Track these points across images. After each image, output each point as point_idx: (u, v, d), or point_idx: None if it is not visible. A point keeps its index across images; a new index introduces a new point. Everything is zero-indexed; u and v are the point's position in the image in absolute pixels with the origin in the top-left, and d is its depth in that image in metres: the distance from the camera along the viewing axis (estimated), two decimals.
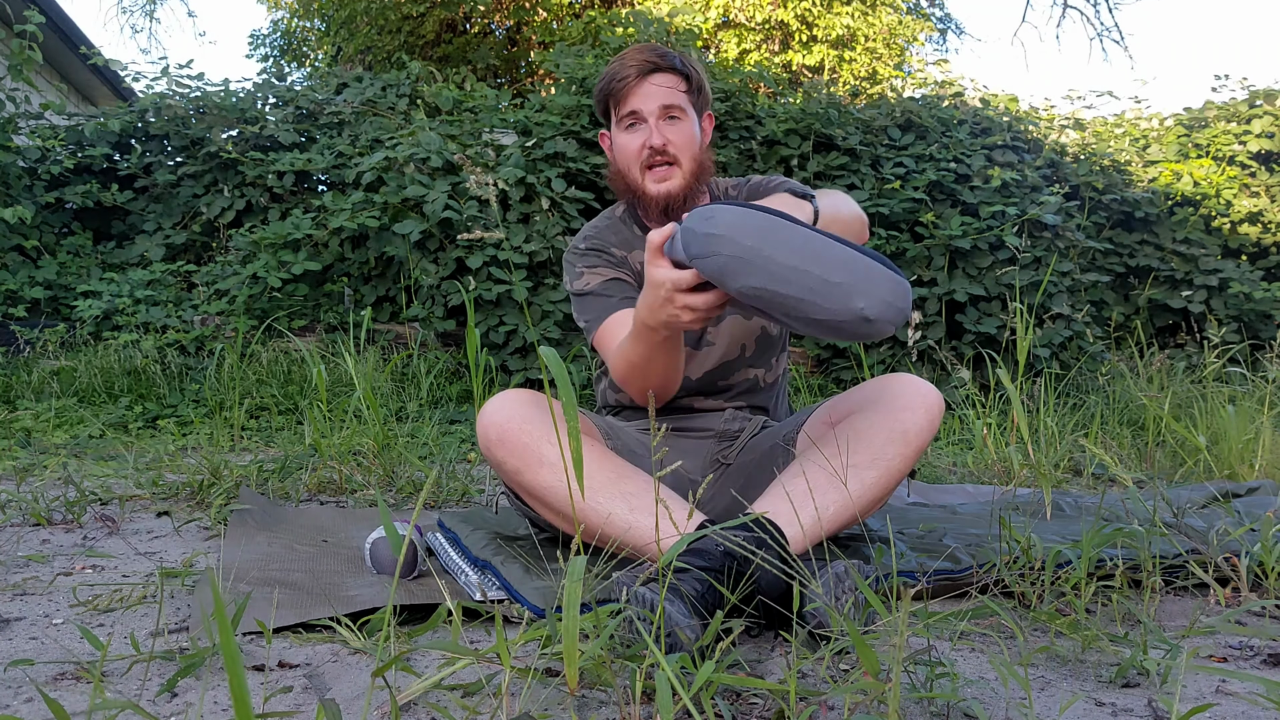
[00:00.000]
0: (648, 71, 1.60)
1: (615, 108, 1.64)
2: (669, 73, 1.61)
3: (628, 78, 1.60)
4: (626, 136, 1.63)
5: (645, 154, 1.60)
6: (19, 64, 4.87)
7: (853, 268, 1.18)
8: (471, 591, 1.36)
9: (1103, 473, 2.81)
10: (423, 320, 4.32)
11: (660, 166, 1.61)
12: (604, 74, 1.65)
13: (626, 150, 1.63)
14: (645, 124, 1.61)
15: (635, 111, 1.61)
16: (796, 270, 1.16)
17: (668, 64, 1.61)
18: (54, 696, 0.99)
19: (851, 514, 1.41)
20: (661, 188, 1.61)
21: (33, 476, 2.40)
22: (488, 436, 1.45)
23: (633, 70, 1.60)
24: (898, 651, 0.82)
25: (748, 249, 1.17)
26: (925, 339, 4.44)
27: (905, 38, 10.86)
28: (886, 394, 1.47)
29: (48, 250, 4.92)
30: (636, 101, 1.60)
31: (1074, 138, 6.13)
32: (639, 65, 1.60)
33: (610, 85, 1.63)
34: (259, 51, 12.63)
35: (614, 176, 1.69)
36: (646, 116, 1.60)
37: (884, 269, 1.20)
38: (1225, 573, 1.47)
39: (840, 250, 1.19)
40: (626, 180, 1.65)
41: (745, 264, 1.17)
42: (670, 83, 1.61)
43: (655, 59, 1.61)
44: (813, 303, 1.17)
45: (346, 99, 5.62)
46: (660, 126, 1.60)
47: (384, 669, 0.82)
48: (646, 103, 1.60)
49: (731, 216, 1.20)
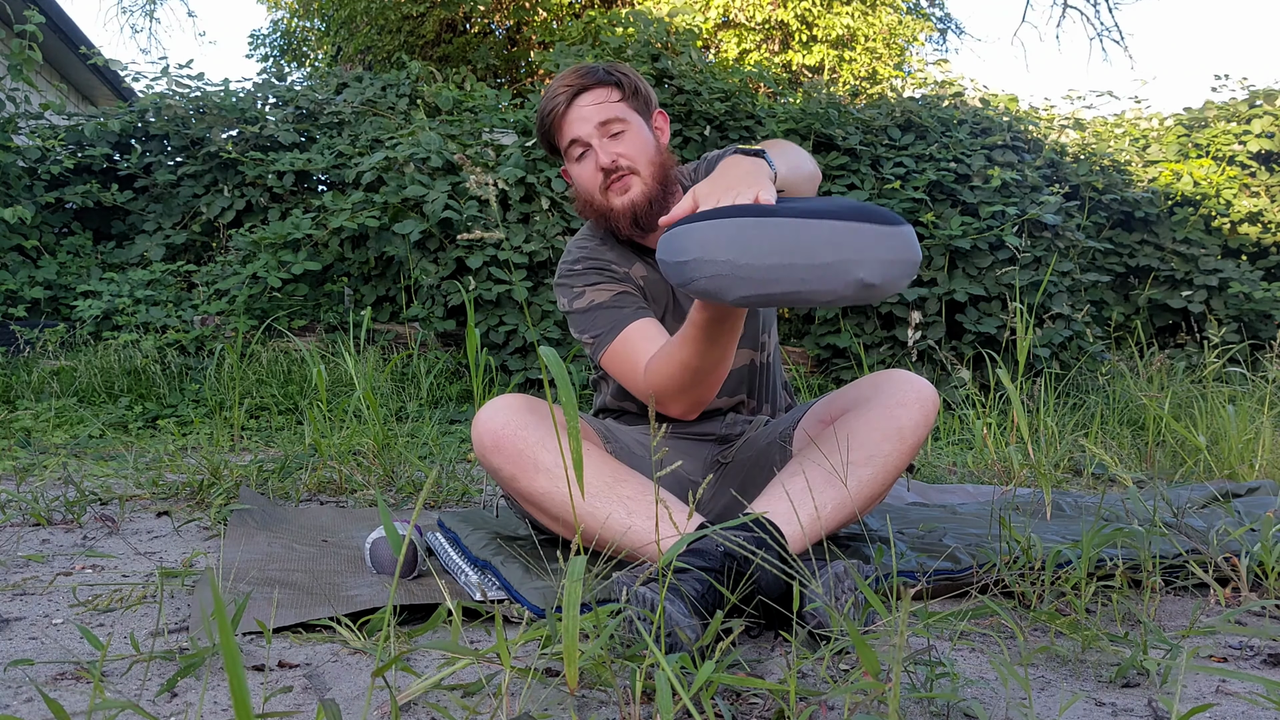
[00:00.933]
0: (575, 95, 1.57)
1: (559, 142, 1.61)
2: (596, 88, 1.57)
3: (557, 109, 1.57)
4: (579, 167, 1.60)
5: (599, 177, 1.57)
6: (19, 64, 4.87)
7: (838, 242, 1.12)
8: (471, 591, 1.36)
9: (1103, 473, 2.81)
10: (423, 320, 4.32)
11: (616, 181, 1.57)
12: (537, 112, 1.62)
13: (583, 179, 1.60)
14: (590, 148, 1.57)
15: (576, 139, 1.57)
16: (781, 267, 1.12)
17: (593, 80, 1.57)
18: (54, 696, 0.99)
19: (850, 511, 1.41)
20: (624, 199, 1.57)
21: (33, 476, 2.40)
22: (483, 443, 1.44)
23: (560, 100, 1.57)
24: (898, 651, 0.82)
25: (725, 264, 1.12)
26: (925, 339, 4.44)
27: (905, 38, 10.86)
28: (881, 391, 1.47)
29: (48, 250, 4.92)
30: (573, 130, 1.57)
31: (1074, 138, 6.13)
32: (565, 93, 1.57)
33: (545, 122, 1.60)
34: (259, 51, 12.63)
35: (582, 206, 1.65)
36: (588, 140, 1.57)
37: (871, 228, 1.13)
38: (1225, 573, 1.47)
39: (819, 227, 1.12)
40: (594, 205, 1.61)
41: (729, 279, 1.13)
42: (600, 98, 1.57)
43: (578, 81, 1.57)
44: (810, 290, 1.12)
45: (346, 99, 5.62)
46: (605, 145, 1.56)
47: (384, 669, 0.82)
48: (583, 127, 1.56)
49: (697, 236, 1.14)
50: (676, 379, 1.43)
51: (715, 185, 1.28)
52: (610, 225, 1.61)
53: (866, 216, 1.15)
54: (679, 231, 1.17)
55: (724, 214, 1.16)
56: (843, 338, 4.54)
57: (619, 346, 1.55)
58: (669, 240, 1.18)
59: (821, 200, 1.24)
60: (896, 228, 1.15)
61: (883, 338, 4.63)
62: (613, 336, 1.56)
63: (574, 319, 1.64)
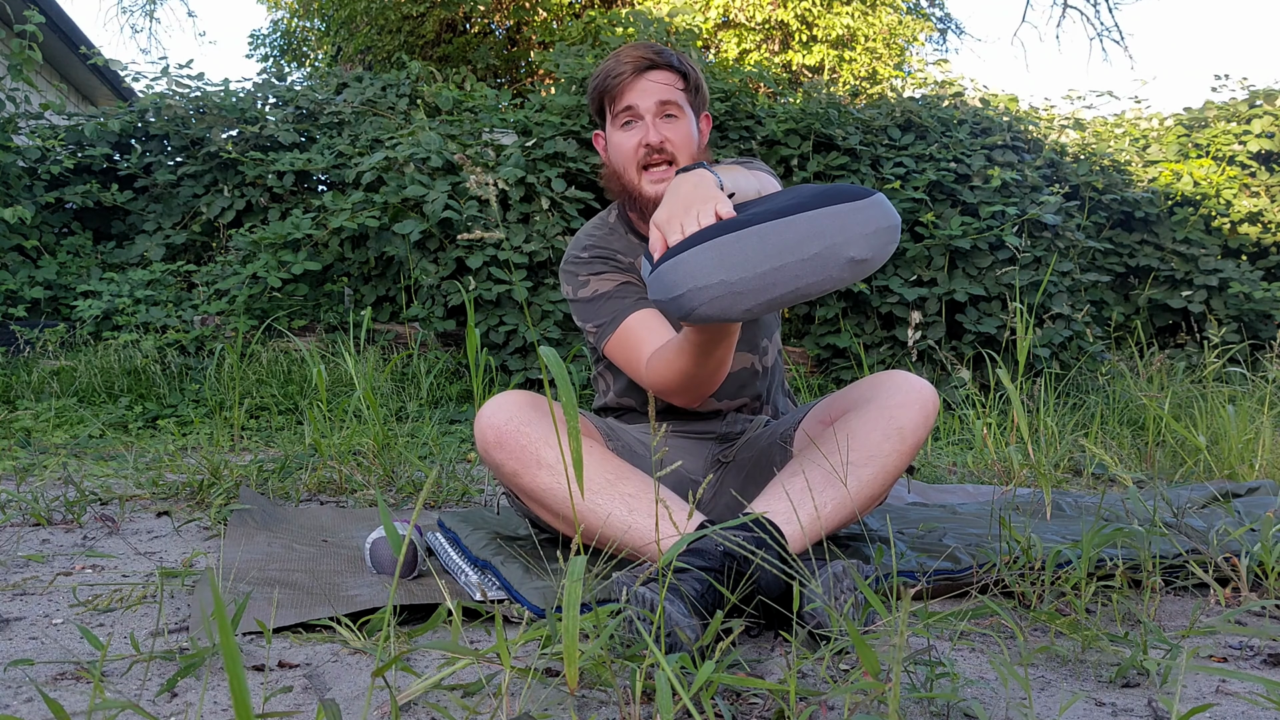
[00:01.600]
0: (644, 68, 1.56)
1: (611, 105, 1.59)
2: (666, 70, 1.57)
3: (624, 74, 1.56)
4: (622, 135, 1.58)
5: (642, 152, 1.56)
6: (19, 64, 4.87)
7: (819, 230, 1.13)
8: (471, 591, 1.36)
9: (1103, 473, 2.81)
10: (423, 320, 4.32)
11: (658, 166, 1.57)
12: (598, 71, 1.60)
13: (622, 149, 1.58)
14: (642, 121, 1.56)
15: (631, 107, 1.56)
16: (774, 271, 1.13)
17: (664, 61, 1.57)
18: (54, 696, 0.99)
19: (850, 512, 1.41)
20: (659, 188, 1.56)
21: (33, 476, 2.40)
22: (485, 439, 1.44)
23: (629, 66, 1.56)
24: (898, 651, 0.82)
25: (720, 285, 1.13)
26: (925, 339, 4.44)
27: (905, 38, 10.86)
28: (881, 391, 1.47)
29: (48, 250, 4.92)
30: (633, 97, 1.56)
31: (1074, 138, 6.13)
32: (635, 62, 1.56)
33: (605, 81, 1.58)
34: (259, 51, 12.63)
35: (609, 177, 1.65)
36: (643, 113, 1.56)
37: (845, 207, 1.14)
38: (1225, 573, 1.47)
39: (797, 222, 1.13)
40: (622, 181, 1.61)
41: (728, 299, 1.13)
42: (667, 80, 1.57)
43: (652, 55, 1.57)
44: (806, 283, 1.14)
45: (346, 99, 5.62)
46: (657, 124, 1.56)
47: (384, 669, 0.82)
48: (643, 99, 1.56)
49: (683, 268, 1.14)
50: (676, 381, 1.44)
51: (672, 210, 1.27)
52: (630, 205, 1.62)
53: (835, 197, 1.16)
54: (663, 270, 1.17)
55: (699, 239, 1.16)
56: (843, 338, 4.54)
57: (621, 337, 1.56)
58: (657, 281, 1.18)
59: (782, 195, 1.25)
60: (868, 199, 1.16)
61: (883, 338, 4.63)
62: (615, 327, 1.57)
63: (578, 308, 1.64)
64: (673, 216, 1.26)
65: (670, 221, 1.25)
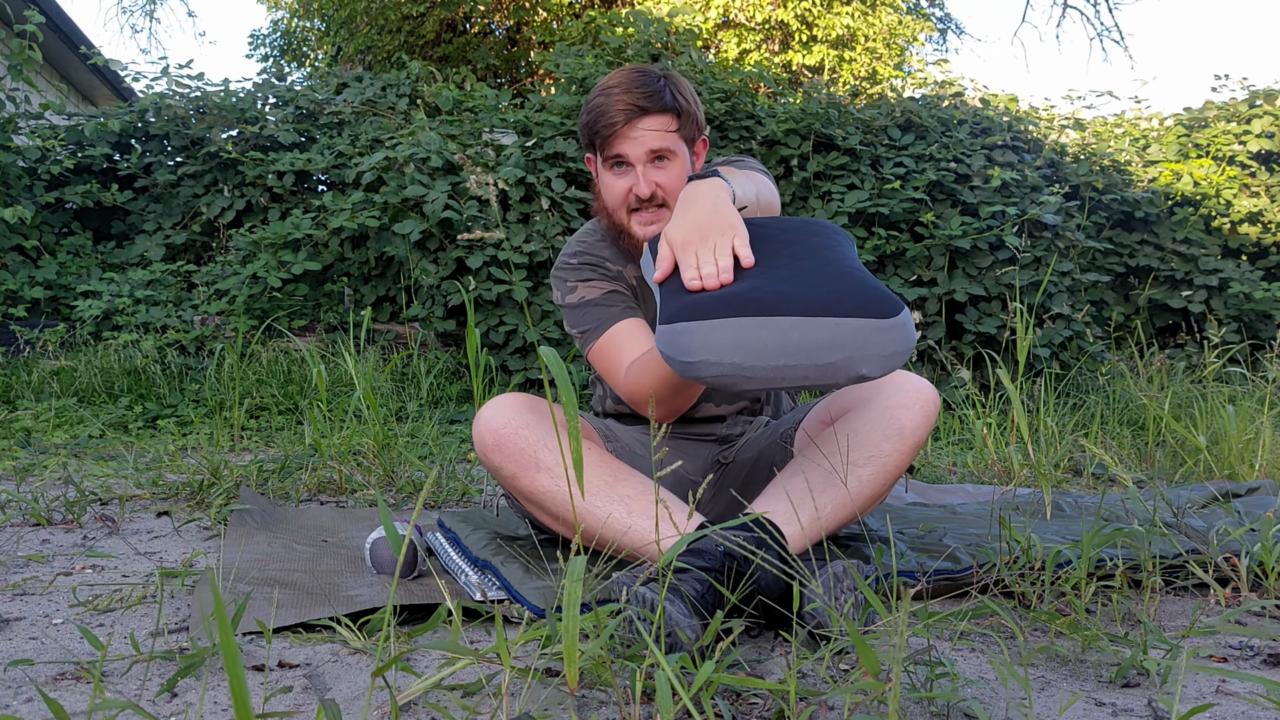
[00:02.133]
0: (635, 116, 1.52)
1: (600, 148, 1.57)
2: (658, 115, 1.53)
3: (616, 123, 1.52)
4: (613, 177, 1.57)
5: (632, 199, 1.55)
6: (19, 64, 4.87)
7: (840, 341, 1.14)
8: (471, 591, 1.36)
9: (1103, 473, 2.81)
10: (423, 320, 4.32)
11: (647, 210, 1.55)
12: (589, 106, 1.56)
13: (612, 191, 1.57)
14: (633, 169, 1.54)
15: (621, 155, 1.54)
16: (785, 368, 1.14)
17: (658, 106, 1.52)
18: (54, 696, 0.99)
19: (850, 511, 1.41)
20: (649, 230, 1.55)
21: (33, 476, 2.40)
22: (484, 442, 1.44)
23: (620, 116, 1.51)
24: (898, 651, 0.82)
25: (731, 366, 1.15)
26: (925, 339, 4.44)
27: (905, 38, 10.86)
28: (882, 391, 1.47)
29: (48, 250, 4.92)
30: (623, 146, 1.53)
31: (1074, 138, 6.13)
32: (627, 110, 1.51)
33: (596, 125, 1.54)
34: (259, 51, 12.64)
35: (599, 210, 1.64)
36: (634, 162, 1.54)
37: (872, 323, 1.15)
38: (1225, 573, 1.47)
39: (821, 326, 1.14)
40: (613, 218, 1.60)
41: (735, 379, 1.16)
42: (659, 125, 1.53)
43: (644, 102, 1.51)
44: (810, 381, 1.16)
45: (346, 99, 5.62)
46: (648, 172, 1.53)
47: (384, 669, 0.82)
48: (634, 149, 1.53)
49: (700, 338, 1.15)
50: (652, 390, 1.46)
51: (687, 233, 1.26)
52: (618, 238, 1.61)
53: (866, 306, 1.16)
54: (681, 330, 1.17)
55: (724, 310, 1.17)
56: None
57: (604, 344, 1.57)
58: (670, 338, 1.18)
59: (816, 270, 1.24)
60: (895, 319, 1.17)
61: None
62: (599, 334, 1.58)
63: (566, 313, 1.65)
64: (688, 243, 1.26)
65: (686, 248, 1.25)
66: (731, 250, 1.24)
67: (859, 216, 4.77)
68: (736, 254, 1.24)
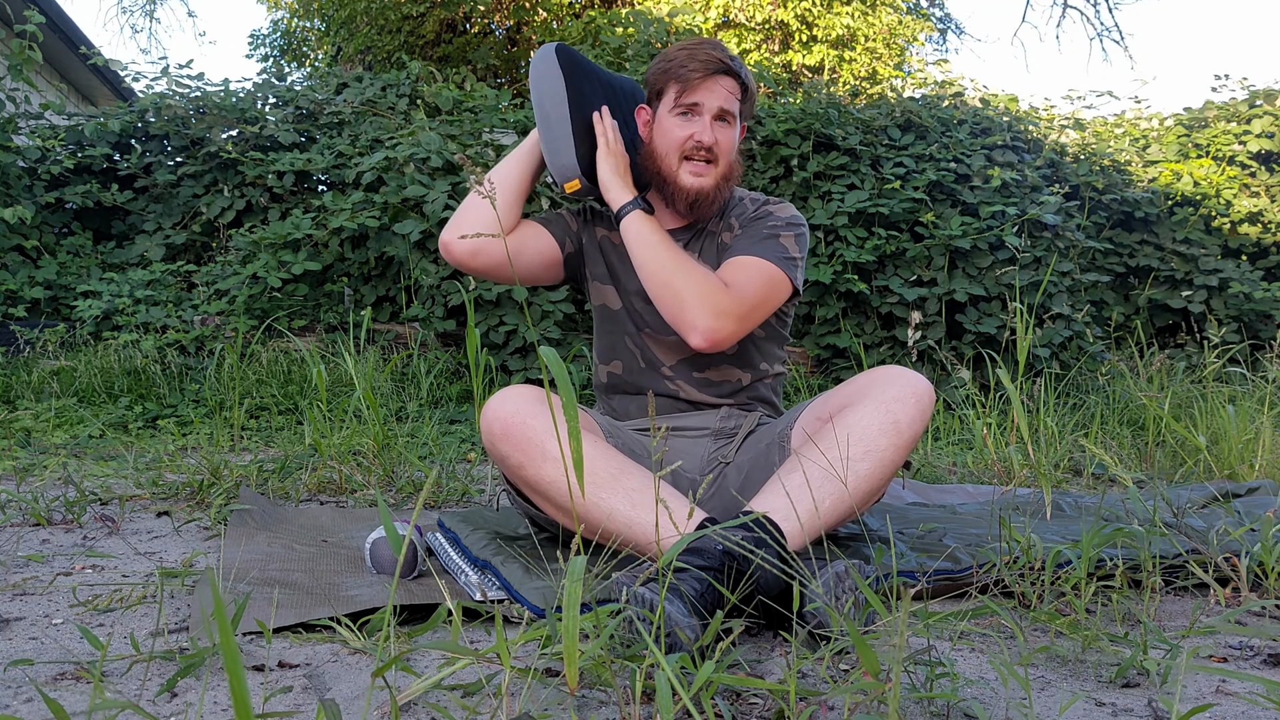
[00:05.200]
0: (718, 71, 1.65)
1: (676, 93, 1.66)
2: (734, 78, 1.67)
3: (695, 71, 1.64)
4: (675, 122, 1.66)
5: (690, 145, 1.65)
6: (19, 64, 4.87)
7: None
8: (471, 591, 1.36)
9: (1103, 473, 2.81)
10: (423, 320, 4.32)
11: (700, 162, 1.66)
12: (671, 55, 1.68)
13: (672, 135, 1.66)
14: (701, 119, 1.65)
15: (697, 104, 1.65)
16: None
17: (735, 70, 1.67)
18: (54, 696, 0.99)
19: (848, 507, 1.42)
20: (696, 182, 1.66)
21: (33, 476, 2.39)
22: (491, 431, 1.45)
23: (705, 66, 1.64)
24: (898, 651, 0.82)
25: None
26: (925, 339, 4.44)
27: (905, 38, 10.86)
28: (876, 386, 1.48)
29: (48, 250, 4.92)
30: (701, 95, 1.65)
31: (1074, 138, 6.13)
32: (711, 62, 1.64)
33: (678, 70, 1.65)
34: (259, 51, 12.63)
35: (646, 156, 1.72)
36: (704, 112, 1.65)
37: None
38: (1225, 573, 1.47)
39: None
40: (660, 164, 1.68)
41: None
42: (732, 88, 1.67)
43: (727, 61, 1.65)
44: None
45: (346, 99, 5.62)
46: (713, 126, 1.65)
47: (384, 669, 0.82)
48: (709, 100, 1.65)
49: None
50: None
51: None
52: (660, 186, 1.71)
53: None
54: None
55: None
56: (843, 338, 4.54)
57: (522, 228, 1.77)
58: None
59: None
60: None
61: (883, 338, 4.63)
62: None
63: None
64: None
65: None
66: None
67: (859, 216, 4.77)
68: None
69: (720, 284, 1.57)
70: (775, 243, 1.66)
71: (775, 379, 1.81)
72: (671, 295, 1.57)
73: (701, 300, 1.55)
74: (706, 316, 1.54)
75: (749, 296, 1.59)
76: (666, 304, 1.59)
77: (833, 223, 4.65)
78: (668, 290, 1.57)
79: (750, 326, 1.61)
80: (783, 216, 1.71)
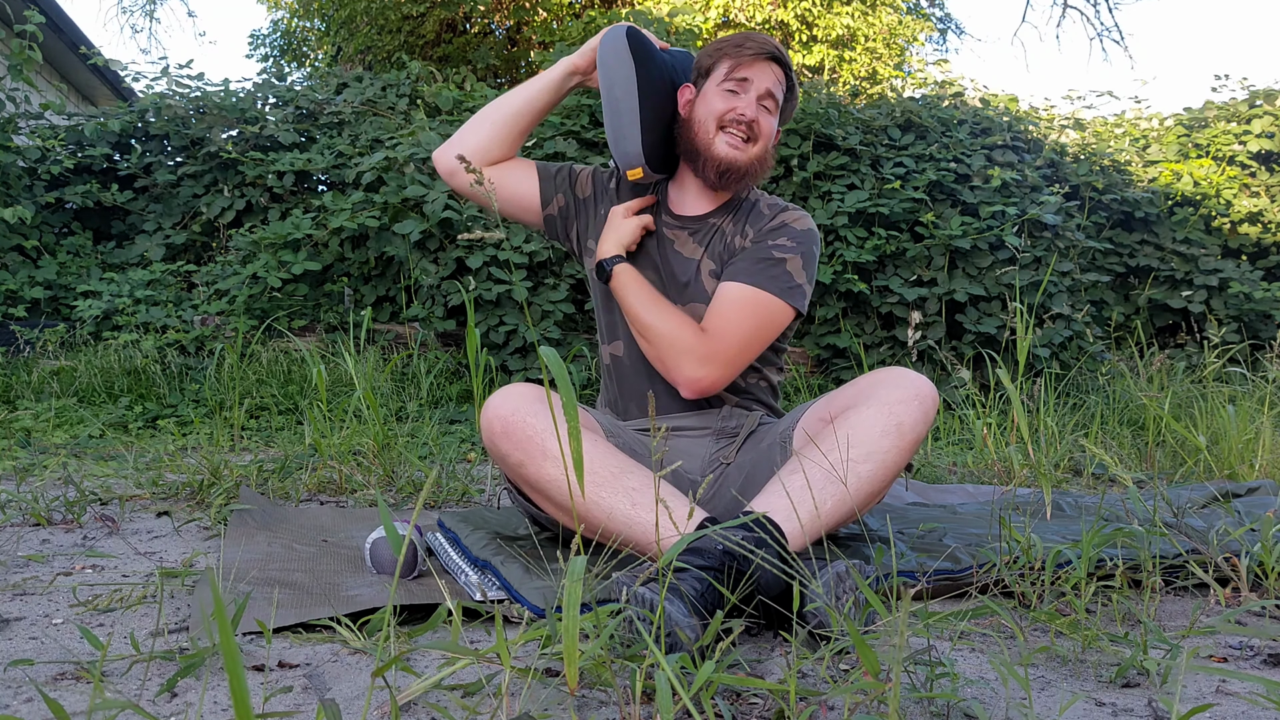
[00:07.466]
0: (771, 57, 1.70)
1: (728, 69, 1.69)
2: (784, 71, 1.73)
3: (754, 50, 1.69)
4: (720, 94, 1.69)
5: (730, 116, 1.67)
6: (19, 64, 4.87)
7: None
8: (471, 591, 1.36)
9: (1103, 473, 2.81)
10: (423, 320, 4.32)
11: (738, 137, 1.68)
12: (721, 40, 1.74)
13: (714, 105, 1.69)
14: (747, 95, 1.69)
15: (747, 80, 1.69)
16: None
17: (785, 62, 1.73)
18: (54, 696, 0.99)
19: (849, 509, 1.42)
20: (730, 153, 1.68)
21: (33, 476, 2.39)
22: (492, 429, 1.45)
23: (761, 47, 1.69)
24: (898, 651, 0.82)
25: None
26: (925, 339, 4.44)
27: (905, 38, 10.86)
28: (880, 387, 1.47)
29: (48, 250, 4.92)
30: (753, 74, 1.69)
31: (1074, 138, 6.13)
32: (767, 47, 1.69)
33: (732, 49, 1.70)
34: (259, 51, 12.62)
35: (684, 126, 1.74)
36: (751, 90, 1.69)
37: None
38: (1225, 573, 1.47)
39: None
40: (696, 134, 1.70)
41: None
42: (780, 77, 1.72)
43: (779, 52, 1.71)
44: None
45: (346, 99, 5.62)
46: (757, 106, 1.70)
47: (384, 669, 0.82)
48: (759, 79, 1.69)
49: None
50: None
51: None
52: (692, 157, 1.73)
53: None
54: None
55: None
56: (843, 338, 4.54)
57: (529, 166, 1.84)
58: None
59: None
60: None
61: (883, 338, 4.63)
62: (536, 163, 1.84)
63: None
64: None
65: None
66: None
67: (859, 216, 4.77)
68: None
69: (700, 333, 1.62)
70: (779, 269, 1.65)
71: (773, 382, 1.81)
72: (654, 348, 1.64)
73: (681, 352, 1.60)
74: (690, 367, 1.60)
75: (735, 339, 1.62)
76: (652, 356, 1.66)
77: (833, 223, 4.65)
78: (651, 345, 1.64)
79: (742, 366, 1.65)
80: (797, 231, 1.70)
